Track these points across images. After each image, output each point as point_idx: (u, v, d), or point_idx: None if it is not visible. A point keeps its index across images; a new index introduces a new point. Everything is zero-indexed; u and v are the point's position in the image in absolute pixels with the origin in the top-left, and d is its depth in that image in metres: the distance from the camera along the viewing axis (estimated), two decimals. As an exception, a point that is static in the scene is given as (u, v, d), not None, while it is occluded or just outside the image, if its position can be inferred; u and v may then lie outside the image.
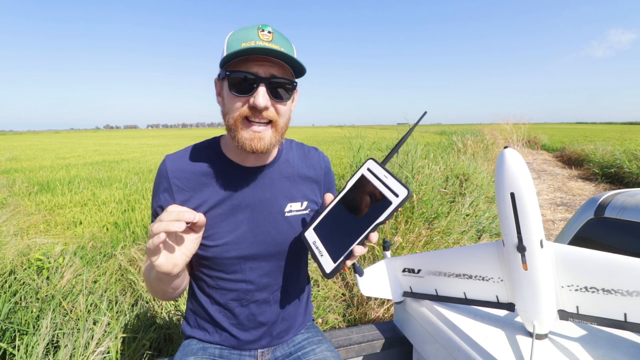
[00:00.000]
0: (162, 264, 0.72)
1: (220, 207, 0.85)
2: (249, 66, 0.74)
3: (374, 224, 0.66)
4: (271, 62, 0.75)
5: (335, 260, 0.70)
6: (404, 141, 0.79)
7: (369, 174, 0.72)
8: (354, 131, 6.33)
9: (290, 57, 0.74)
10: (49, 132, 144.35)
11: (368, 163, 0.74)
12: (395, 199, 0.64)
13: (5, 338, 1.66)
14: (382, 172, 0.69)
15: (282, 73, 0.77)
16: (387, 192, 0.66)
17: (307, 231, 0.79)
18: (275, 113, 0.78)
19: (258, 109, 0.75)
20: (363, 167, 0.74)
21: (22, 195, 6.10)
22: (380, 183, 0.68)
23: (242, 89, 0.75)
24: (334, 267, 0.69)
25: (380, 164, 0.72)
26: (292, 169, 0.94)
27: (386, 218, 0.65)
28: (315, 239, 0.76)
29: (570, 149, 12.56)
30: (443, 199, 3.87)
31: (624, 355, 0.73)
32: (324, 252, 0.72)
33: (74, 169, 9.80)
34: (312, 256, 0.76)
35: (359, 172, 0.74)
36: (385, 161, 0.75)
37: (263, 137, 0.77)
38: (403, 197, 0.63)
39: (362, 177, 0.73)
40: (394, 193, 0.65)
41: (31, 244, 2.81)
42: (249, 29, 0.75)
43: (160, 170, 0.87)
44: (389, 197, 0.65)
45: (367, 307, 2.24)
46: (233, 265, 0.88)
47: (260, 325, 0.93)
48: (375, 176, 0.70)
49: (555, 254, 0.74)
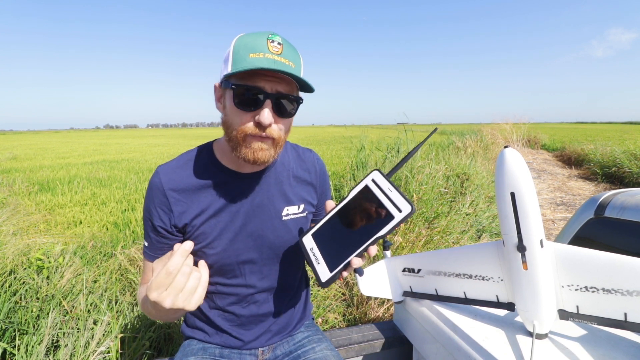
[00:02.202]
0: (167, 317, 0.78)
1: (219, 215, 0.84)
2: (255, 80, 0.72)
3: (374, 237, 0.65)
4: (279, 77, 0.73)
5: (332, 270, 0.69)
6: (412, 155, 0.77)
7: (373, 185, 0.70)
8: (355, 131, 6.33)
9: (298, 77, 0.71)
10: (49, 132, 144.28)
11: (373, 174, 0.72)
12: (398, 214, 0.63)
13: (5, 338, 1.66)
14: (386, 185, 0.68)
15: (287, 89, 0.75)
16: (390, 206, 0.65)
17: (305, 237, 0.77)
18: (277, 130, 0.76)
19: (262, 126, 0.73)
20: (367, 177, 0.73)
21: (22, 195, 6.10)
22: (384, 196, 0.67)
23: (247, 103, 0.72)
24: (330, 277, 0.68)
25: (385, 176, 0.70)
26: (288, 172, 0.93)
27: (387, 232, 0.64)
28: (312, 245, 0.75)
29: (570, 149, 12.54)
30: (443, 198, 3.87)
31: (624, 355, 0.73)
32: (321, 260, 0.71)
33: (74, 169, 9.79)
34: (307, 263, 0.75)
35: (363, 182, 0.73)
36: (390, 174, 0.73)
37: (265, 152, 0.76)
38: (406, 214, 0.62)
39: (365, 187, 0.72)
40: (397, 208, 0.64)
41: (31, 243, 2.80)
42: (258, 37, 0.72)
43: (154, 183, 0.83)
44: (392, 211, 0.64)
45: (367, 306, 2.24)
46: (233, 270, 0.88)
47: (261, 324, 0.93)
48: (380, 188, 0.69)
49: (555, 253, 0.73)
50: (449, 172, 4.92)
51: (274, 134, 0.75)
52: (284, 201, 0.90)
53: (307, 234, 0.77)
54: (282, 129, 0.78)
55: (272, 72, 0.71)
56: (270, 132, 0.74)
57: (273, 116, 0.74)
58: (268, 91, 0.72)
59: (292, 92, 0.76)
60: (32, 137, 45.64)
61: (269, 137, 0.75)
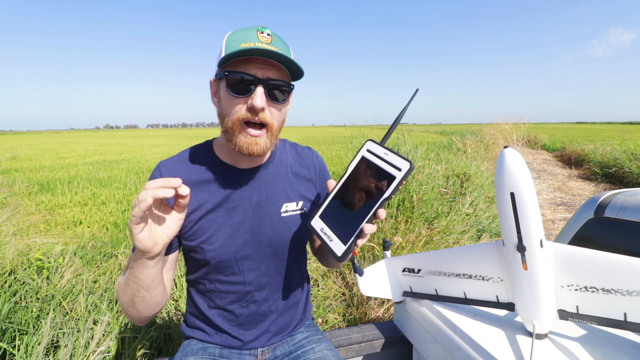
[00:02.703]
0: (144, 239, 0.67)
1: (217, 211, 0.85)
2: (247, 67, 0.74)
3: (380, 200, 0.65)
4: (269, 64, 0.75)
5: (345, 242, 0.69)
6: (400, 118, 0.78)
7: (370, 155, 0.72)
8: (355, 131, 6.33)
9: (288, 59, 0.74)
10: (49, 132, 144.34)
11: (367, 144, 0.74)
12: (398, 173, 0.64)
13: (5, 338, 1.65)
14: (382, 151, 0.69)
15: (279, 75, 0.77)
16: (389, 168, 0.66)
17: (313, 219, 0.77)
18: (270, 116, 0.78)
19: (255, 110, 0.75)
20: (362, 149, 0.74)
21: (22, 195, 6.10)
22: (381, 161, 0.68)
23: (239, 89, 0.75)
24: (345, 249, 0.68)
25: (379, 143, 0.71)
26: (287, 168, 0.94)
27: (392, 193, 0.65)
28: (322, 225, 0.74)
29: (570, 149, 12.55)
30: (443, 198, 3.86)
31: (624, 355, 0.73)
32: (333, 237, 0.71)
33: (74, 169, 9.80)
34: (322, 243, 0.75)
35: (359, 154, 0.74)
36: (384, 140, 0.74)
37: (259, 142, 0.78)
38: (406, 170, 0.63)
39: (362, 158, 0.73)
40: (396, 168, 0.65)
41: (31, 243, 2.81)
42: (248, 30, 0.75)
43: (155, 176, 0.85)
44: (392, 172, 0.65)
45: (367, 306, 2.24)
46: (231, 267, 0.88)
47: (260, 324, 0.93)
48: (376, 155, 0.70)
49: (555, 253, 0.74)
50: (448, 172, 4.92)
51: (267, 119, 0.77)
52: (282, 198, 0.91)
53: (314, 217, 0.77)
54: (275, 116, 0.79)
55: (262, 60, 0.74)
56: (263, 117, 0.76)
57: (266, 102, 0.76)
58: (260, 77, 0.75)
59: (283, 78, 0.78)
60: (32, 138, 45.68)
61: (262, 123, 0.77)
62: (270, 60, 0.75)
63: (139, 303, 0.77)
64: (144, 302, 0.77)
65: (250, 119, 0.76)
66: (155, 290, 0.77)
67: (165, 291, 0.82)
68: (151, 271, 0.73)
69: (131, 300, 0.76)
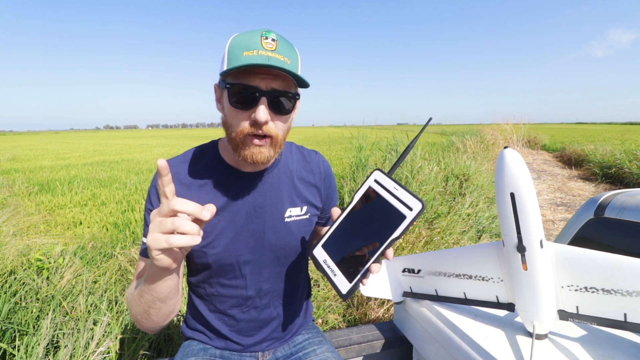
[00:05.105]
0: (164, 258, 0.61)
1: (220, 214, 0.84)
2: (250, 79, 0.71)
3: (389, 240, 0.62)
4: (273, 74, 0.71)
5: (351, 280, 0.65)
6: (410, 149, 0.75)
7: (377, 186, 0.68)
8: (355, 131, 6.32)
9: (291, 72, 0.70)
10: (49, 132, 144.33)
11: (375, 174, 0.70)
12: (409, 213, 0.61)
13: (5, 338, 1.65)
14: (391, 184, 0.66)
15: (283, 86, 0.73)
16: (399, 205, 0.62)
17: (315, 249, 0.73)
18: (274, 128, 0.75)
19: (258, 124, 0.72)
20: (369, 178, 0.71)
21: (22, 196, 6.10)
22: (390, 195, 0.65)
23: (242, 101, 0.72)
24: (350, 288, 0.65)
25: (387, 174, 0.68)
26: (292, 173, 0.92)
27: (402, 233, 0.61)
28: (325, 257, 0.71)
29: (570, 149, 12.55)
30: (443, 198, 3.87)
31: (624, 355, 0.73)
32: (337, 272, 0.67)
33: (74, 169, 9.79)
34: (324, 275, 0.71)
35: (365, 183, 0.71)
36: (391, 171, 0.72)
37: (263, 151, 0.75)
38: (418, 211, 0.60)
39: (369, 189, 0.69)
40: (407, 206, 0.61)
41: (31, 244, 2.80)
42: (252, 35, 0.71)
43: None
44: (402, 210, 0.62)
45: (367, 307, 2.24)
46: (233, 271, 0.87)
47: (261, 331, 0.92)
48: (384, 188, 0.66)
49: (555, 254, 0.74)
50: (448, 172, 4.92)
51: (272, 132, 0.74)
52: (286, 203, 0.89)
53: (317, 246, 0.74)
54: (279, 127, 0.76)
55: (266, 70, 0.70)
56: (267, 130, 0.73)
57: (270, 114, 0.73)
58: (263, 89, 0.71)
59: (288, 88, 0.74)
60: (32, 138, 45.66)
61: (266, 135, 0.74)
62: (274, 70, 0.70)
63: (155, 314, 0.73)
64: (159, 312, 0.73)
65: (254, 132, 0.73)
66: (171, 300, 0.74)
67: (180, 298, 0.78)
68: (169, 283, 0.69)
69: (146, 312, 0.73)
